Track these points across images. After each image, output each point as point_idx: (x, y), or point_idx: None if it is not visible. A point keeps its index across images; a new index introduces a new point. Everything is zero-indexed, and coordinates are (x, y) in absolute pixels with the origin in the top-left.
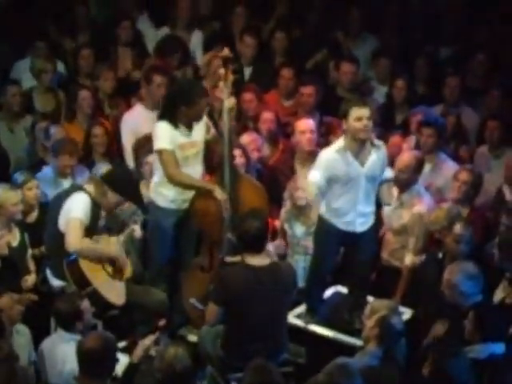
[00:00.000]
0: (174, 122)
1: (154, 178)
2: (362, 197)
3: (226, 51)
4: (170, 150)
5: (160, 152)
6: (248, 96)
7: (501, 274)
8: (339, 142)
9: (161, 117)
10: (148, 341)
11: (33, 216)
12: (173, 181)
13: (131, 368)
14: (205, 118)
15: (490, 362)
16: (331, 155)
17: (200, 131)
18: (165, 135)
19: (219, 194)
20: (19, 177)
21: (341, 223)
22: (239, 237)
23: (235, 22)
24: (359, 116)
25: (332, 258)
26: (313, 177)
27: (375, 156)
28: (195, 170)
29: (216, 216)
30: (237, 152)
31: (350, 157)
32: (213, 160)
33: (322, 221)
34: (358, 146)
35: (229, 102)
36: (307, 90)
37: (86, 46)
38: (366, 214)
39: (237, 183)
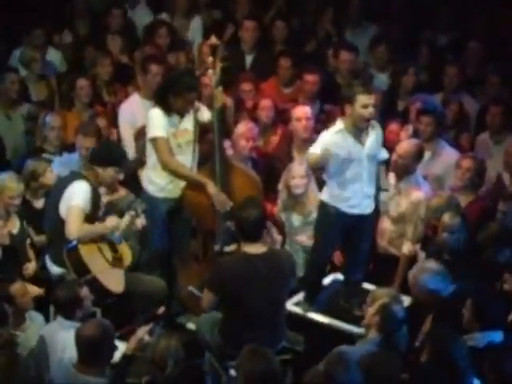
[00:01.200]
0: (167, 109)
1: (146, 167)
2: (366, 178)
3: (213, 39)
4: (164, 137)
5: (155, 139)
6: (247, 86)
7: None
8: (338, 125)
9: (155, 104)
10: (141, 332)
11: (40, 202)
12: (167, 168)
13: (125, 359)
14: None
15: (490, 351)
16: (332, 136)
17: (191, 118)
18: (159, 123)
19: (211, 188)
20: (32, 162)
21: (347, 207)
22: (238, 224)
23: (239, 9)
24: (366, 103)
25: (334, 245)
26: (313, 149)
27: (373, 136)
28: (188, 159)
29: (208, 207)
30: (226, 143)
31: (351, 138)
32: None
33: (325, 207)
34: (359, 129)
35: (217, 91)
36: (312, 78)
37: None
38: (370, 195)
39: (228, 173)
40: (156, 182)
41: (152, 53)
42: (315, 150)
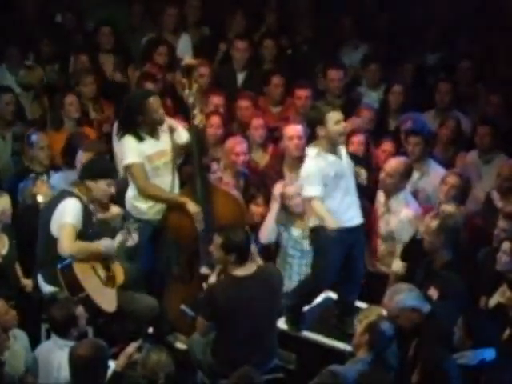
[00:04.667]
0: (138, 135)
1: (129, 192)
2: (353, 188)
3: (188, 59)
4: (139, 163)
5: (129, 167)
6: (244, 103)
7: (493, 279)
8: (311, 151)
9: (124, 133)
10: (131, 348)
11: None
12: (145, 194)
13: (115, 377)
14: (167, 121)
15: (484, 369)
16: (317, 163)
17: (167, 139)
18: (132, 149)
19: (192, 207)
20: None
21: (345, 221)
22: (230, 249)
23: (231, 26)
24: (338, 119)
25: (338, 267)
26: (316, 192)
27: (342, 150)
28: (167, 180)
29: (190, 228)
30: (215, 166)
31: (331, 156)
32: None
33: (322, 231)
34: (334, 146)
35: (195, 112)
36: (304, 93)
37: (82, 52)
38: (358, 204)
39: (210, 193)
40: (138, 206)
41: (148, 71)
42: (317, 190)
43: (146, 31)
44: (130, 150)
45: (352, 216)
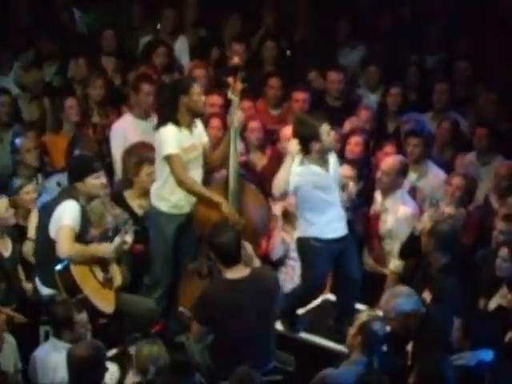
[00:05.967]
0: (178, 124)
1: (156, 184)
2: (338, 201)
3: (235, 59)
4: (178, 154)
5: (169, 157)
6: (246, 104)
7: (492, 281)
8: (297, 161)
9: (163, 121)
10: None
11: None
12: (183, 186)
13: None
14: (200, 124)
15: (485, 370)
16: (300, 168)
17: (199, 133)
18: (172, 139)
19: (226, 208)
20: (16, 182)
21: (329, 232)
22: (218, 251)
23: (228, 28)
24: (329, 129)
25: (326, 274)
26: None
27: (332, 159)
28: (195, 175)
29: None
30: None
31: (317, 168)
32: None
33: (307, 243)
34: (320, 157)
35: (239, 112)
36: (302, 96)
37: (80, 54)
38: (343, 216)
39: (241, 191)
40: (168, 198)
41: (145, 72)
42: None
43: (145, 33)
44: (170, 140)
45: (336, 228)
